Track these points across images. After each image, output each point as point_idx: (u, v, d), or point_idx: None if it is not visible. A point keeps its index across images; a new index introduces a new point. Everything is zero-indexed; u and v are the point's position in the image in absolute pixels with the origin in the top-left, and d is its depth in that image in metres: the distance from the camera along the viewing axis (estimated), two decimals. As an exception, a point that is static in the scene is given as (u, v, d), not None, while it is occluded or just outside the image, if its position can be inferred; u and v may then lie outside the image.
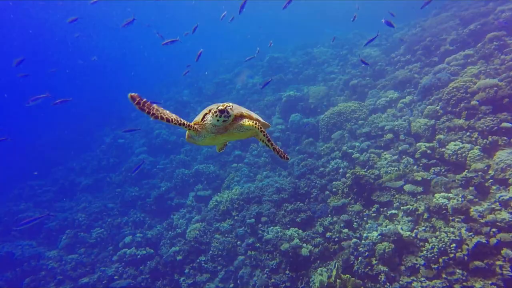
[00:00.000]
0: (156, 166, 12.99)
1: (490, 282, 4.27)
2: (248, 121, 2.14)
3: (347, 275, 5.28)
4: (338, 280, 5.18)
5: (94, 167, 14.97)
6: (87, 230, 10.29)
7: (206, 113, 2.16)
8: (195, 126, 2.15)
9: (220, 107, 1.96)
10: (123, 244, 9.11)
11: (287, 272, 6.47)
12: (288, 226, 7.49)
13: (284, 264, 6.64)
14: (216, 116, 1.97)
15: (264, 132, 2.21)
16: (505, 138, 5.96)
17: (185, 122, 2.07)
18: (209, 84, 18.66)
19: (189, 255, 8.13)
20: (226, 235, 8.18)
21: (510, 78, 7.14)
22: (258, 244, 7.41)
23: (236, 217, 8.64)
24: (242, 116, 2.17)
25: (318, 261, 6.31)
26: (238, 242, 7.86)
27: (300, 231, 7.13)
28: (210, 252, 7.79)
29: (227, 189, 10.04)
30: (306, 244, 6.68)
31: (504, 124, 6.16)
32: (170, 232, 9.21)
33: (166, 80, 27.38)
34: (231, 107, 1.99)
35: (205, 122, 2.14)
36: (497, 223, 4.64)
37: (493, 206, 4.91)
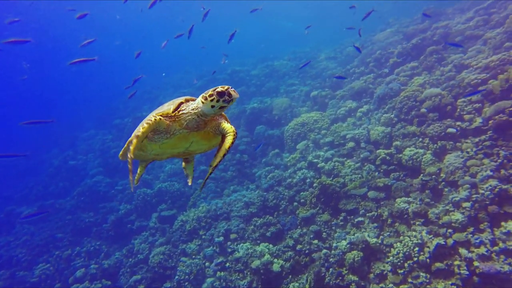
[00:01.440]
0: (114, 187, 12.01)
1: (450, 282, 4.46)
2: (227, 124, 1.89)
3: (319, 288, 5.20)
4: (311, 295, 5.07)
5: (39, 193, 13.41)
6: (29, 267, 9.03)
7: (182, 102, 1.83)
8: (164, 119, 1.75)
9: (220, 89, 1.65)
10: (74, 279, 8.11)
11: (260, 291, 6.22)
12: (259, 242, 7.29)
13: (256, 282, 6.38)
14: (212, 100, 1.64)
15: (232, 143, 1.90)
16: (451, 142, 6.47)
17: (159, 117, 1.72)
18: (170, 99, 18.07)
19: (153, 283, 7.49)
20: (194, 256, 7.71)
21: (450, 87, 7.87)
22: (228, 264, 7.07)
23: (203, 236, 8.23)
24: (221, 116, 1.95)
25: (290, 276, 6.16)
26: (207, 264, 7.44)
27: (271, 245, 6.95)
28: (176, 277, 7.25)
29: (194, 207, 9.59)
30: (277, 259, 6.51)
31: (449, 130, 6.69)
32: (130, 259, 8.43)
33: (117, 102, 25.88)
34: (233, 89, 1.69)
35: (182, 112, 1.78)
36: (452, 224, 4.92)
37: (447, 207, 5.22)
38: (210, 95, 1.66)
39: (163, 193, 10.46)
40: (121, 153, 2.11)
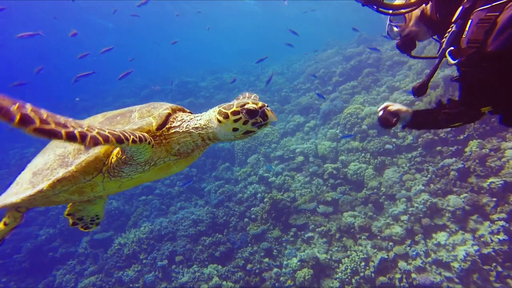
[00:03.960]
0: (32, 209, 10.20)
1: (393, 295, 4.65)
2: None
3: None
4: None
5: None
6: None
7: (169, 114, 1.27)
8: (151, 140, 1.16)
9: (251, 106, 1.12)
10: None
11: (207, 319, 5.74)
12: (207, 263, 6.81)
13: (203, 310, 5.88)
14: (237, 121, 1.13)
15: None
16: (389, 157, 7.01)
17: (145, 136, 1.11)
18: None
19: (80, 322, 6.39)
20: (131, 285, 6.84)
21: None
22: (171, 291, 6.42)
23: (144, 261, 7.39)
24: None
25: (240, 299, 5.83)
26: (147, 292, 6.65)
27: (220, 267, 6.54)
28: (110, 312, 6.31)
29: (134, 227, 8.63)
30: (226, 282, 6.12)
31: (387, 146, 7.26)
32: (50, 296, 7.13)
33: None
34: (269, 108, 1.19)
35: (174, 131, 1.24)
36: (393, 237, 5.21)
37: (388, 220, 5.54)
38: (235, 113, 1.14)
39: (97, 212, 9.22)
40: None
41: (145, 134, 1.13)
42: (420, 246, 5.08)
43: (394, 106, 1.95)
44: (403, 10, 1.68)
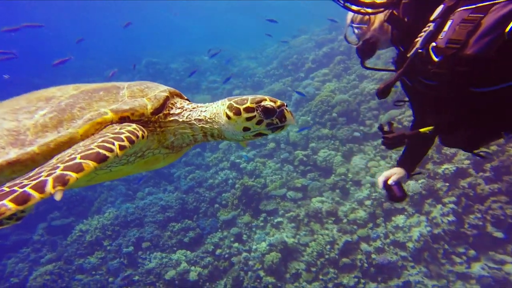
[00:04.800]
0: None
1: (353, 275, 4.95)
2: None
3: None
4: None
5: None
6: None
7: (167, 97, 1.11)
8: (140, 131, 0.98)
9: (268, 103, 0.99)
10: None
11: (174, 304, 5.71)
12: (175, 249, 6.71)
13: (170, 295, 5.84)
14: (251, 119, 0.99)
15: None
16: (357, 145, 7.27)
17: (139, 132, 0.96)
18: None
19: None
20: (94, 272, 6.58)
21: (355, 94, 8.87)
22: (137, 277, 6.27)
23: (109, 247, 7.12)
24: None
25: (208, 284, 5.86)
26: (110, 279, 6.45)
27: (188, 252, 6.49)
28: (70, 301, 6.04)
29: (98, 214, 8.24)
30: (195, 267, 6.11)
31: (355, 134, 7.52)
32: None
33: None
34: (289, 109, 1.07)
35: (173, 119, 1.09)
36: (357, 221, 5.48)
37: (353, 205, 5.80)
38: (248, 109, 1.00)
39: (55, 198, 8.62)
40: None
41: (135, 130, 0.96)
42: (381, 229, 5.41)
43: (392, 178, 1.91)
44: (369, 10, 1.57)
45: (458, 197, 5.22)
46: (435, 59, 1.22)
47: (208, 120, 1.10)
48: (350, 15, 1.82)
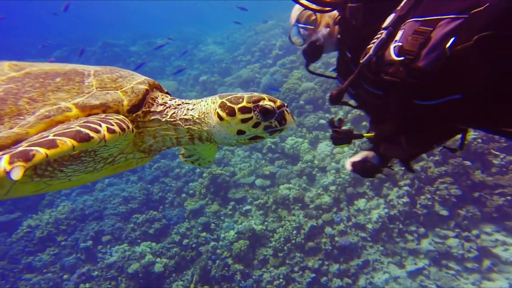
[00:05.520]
0: None
1: (317, 258, 5.15)
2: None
3: (205, 286, 5.05)
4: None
5: None
6: None
7: (147, 90, 0.93)
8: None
9: (267, 103, 0.88)
10: None
11: (137, 297, 5.51)
12: (139, 241, 6.43)
13: (133, 288, 5.62)
14: (246, 121, 0.87)
15: None
16: (323, 132, 7.46)
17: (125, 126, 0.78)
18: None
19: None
20: (45, 270, 6.09)
21: (321, 82, 9.03)
22: (96, 272, 5.92)
23: (63, 243, 6.62)
24: None
25: (174, 274, 5.73)
26: (65, 276, 6.02)
27: (154, 244, 6.26)
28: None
29: (50, 207, 7.58)
30: (161, 258, 5.92)
31: (321, 121, 7.69)
32: None
33: None
34: (289, 110, 0.98)
35: (153, 118, 0.91)
36: (322, 206, 5.67)
37: (318, 191, 5.98)
38: (244, 110, 0.87)
39: (-2, 192, 7.73)
40: None
41: (124, 120, 0.77)
42: (344, 213, 5.67)
43: (357, 157, 1.87)
44: (315, 6, 1.51)
45: (412, 180, 5.62)
46: (396, 58, 1.19)
47: (197, 120, 0.94)
48: (295, 14, 1.74)
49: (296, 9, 1.74)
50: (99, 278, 5.83)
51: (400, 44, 1.19)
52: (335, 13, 1.59)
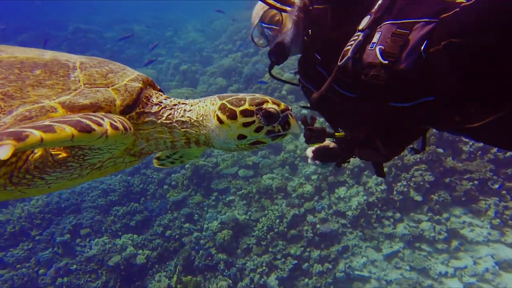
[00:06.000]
0: None
1: (300, 245, 5.30)
2: None
3: (188, 276, 5.06)
4: (178, 286, 4.87)
5: None
6: None
7: (141, 88, 0.86)
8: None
9: (270, 106, 0.83)
10: None
11: (118, 289, 5.45)
12: (120, 234, 6.31)
13: (114, 281, 5.54)
14: (248, 125, 0.82)
15: None
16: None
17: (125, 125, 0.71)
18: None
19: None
20: (18, 266, 5.87)
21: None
22: (75, 266, 5.78)
23: (38, 237, 6.39)
24: None
25: (157, 266, 5.70)
26: (41, 271, 5.83)
27: (135, 236, 6.17)
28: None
29: (22, 201, 7.22)
30: (143, 250, 5.85)
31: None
32: None
33: None
34: (292, 113, 0.93)
35: (148, 120, 0.85)
36: (304, 195, 5.80)
37: (301, 180, 6.10)
38: (246, 113, 0.82)
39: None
40: None
41: (125, 120, 0.70)
42: (325, 201, 5.83)
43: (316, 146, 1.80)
44: (282, 6, 1.46)
45: (390, 168, 5.85)
46: (384, 61, 1.18)
47: (194, 123, 0.88)
48: (258, 13, 1.66)
49: (259, 8, 1.65)
50: (78, 272, 5.69)
51: (382, 47, 1.19)
52: (301, 13, 1.52)
